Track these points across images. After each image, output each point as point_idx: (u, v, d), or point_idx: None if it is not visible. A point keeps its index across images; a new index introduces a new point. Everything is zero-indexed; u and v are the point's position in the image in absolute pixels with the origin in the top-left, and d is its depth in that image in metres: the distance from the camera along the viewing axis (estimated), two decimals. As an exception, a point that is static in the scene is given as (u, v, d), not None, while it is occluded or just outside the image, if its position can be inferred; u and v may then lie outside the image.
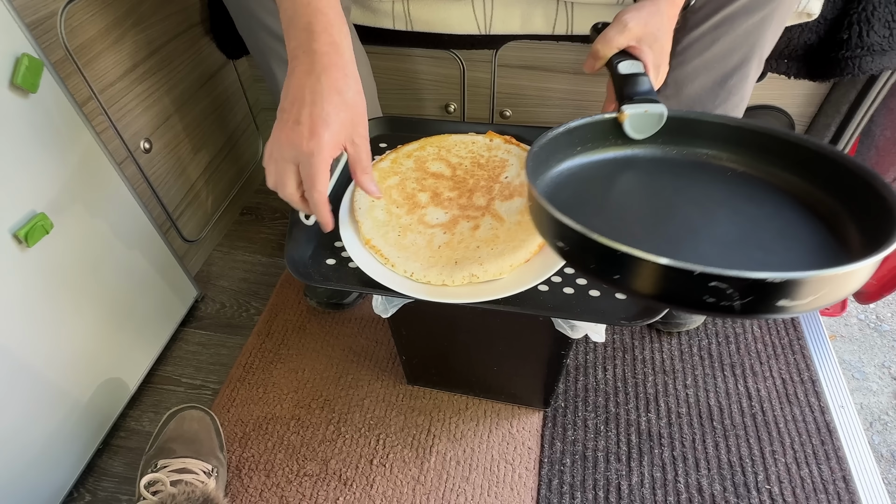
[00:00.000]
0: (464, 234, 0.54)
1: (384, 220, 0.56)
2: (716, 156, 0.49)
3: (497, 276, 0.50)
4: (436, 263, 0.51)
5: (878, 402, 1.20)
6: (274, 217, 1.11)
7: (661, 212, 0.43)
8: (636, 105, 0.49)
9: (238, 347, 0.88)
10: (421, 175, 0.60)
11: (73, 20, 0.68)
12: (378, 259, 0.53)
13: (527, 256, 0.51)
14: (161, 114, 0.86)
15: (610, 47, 0.53)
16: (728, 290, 0.30)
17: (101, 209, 0.70)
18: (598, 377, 0.81)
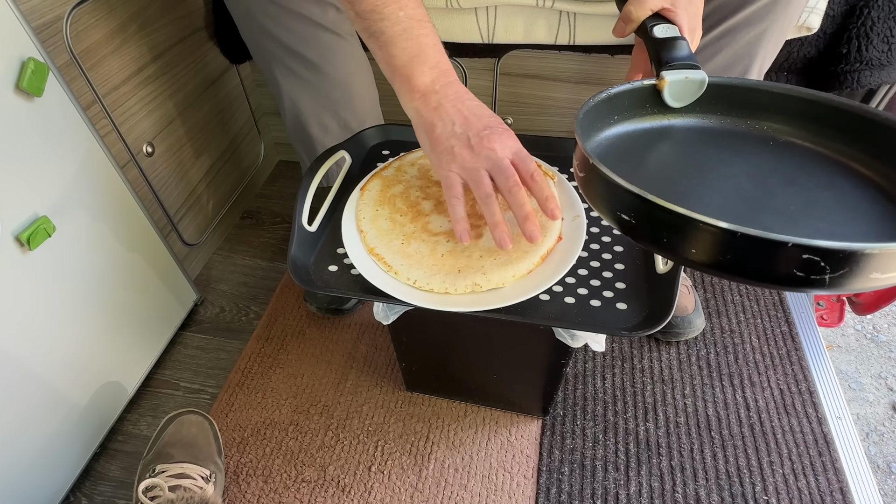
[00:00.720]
0: (465, 243, 0.54)
1: (388, 229, 0.56)
2: (758, 125, 0.47)
3: (499, 285, 0.51)
4: (439, 272, 0.52)
5: (874, 413, 1.21)
6: (274, 221, 1.12)
7: (714, 184, 0.41)
8: (676, 71, 0.46)
9: (237, 352, 0.88)
10: (425, 183, 0.61)
11: (79, 24, 0.69)
12: (381, 267, 0.53)
13: (529, 267, 0.51)
14: (164, 118, 0.86)
15: (644, 9, 0.51)
16: (822, 263, 0.29)
17: (102, 212, 0.70)
18: (596, 386, 0.81)
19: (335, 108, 0.75)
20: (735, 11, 0.63)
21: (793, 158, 0.43)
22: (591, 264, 0.55)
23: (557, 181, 0.59)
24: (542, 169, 0.60)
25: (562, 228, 0.55)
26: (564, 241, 0.54)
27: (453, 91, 0.50)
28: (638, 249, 0.56)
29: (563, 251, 0.53)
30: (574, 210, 0.57)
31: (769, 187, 0.40)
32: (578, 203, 0.57)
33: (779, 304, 0.92)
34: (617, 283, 0.53)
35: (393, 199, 0.59)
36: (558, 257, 0.52)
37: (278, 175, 1.23)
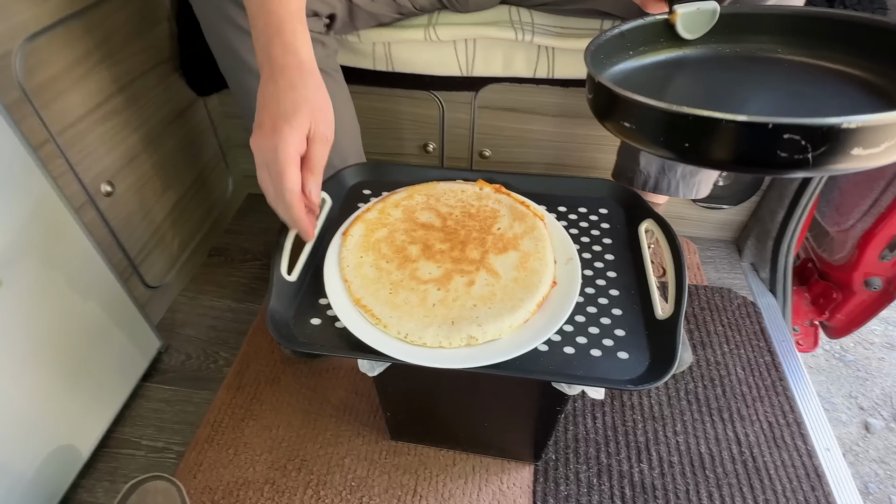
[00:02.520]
0: (459, 290, 0.51)
1: (374, 277, 0.53)
2: (769, 48, 0.48)
3: (496, 337, 0.48)
4: (431, 323, 0.48)
5: (848, 433, 1.23)
6: (245, 259, 1.06)
7: (724, 99, 0.42)
8: (687, 3, 0.47)
9: (206, 403, 0.82)
10: (410, 226, 0.58)
11: (33, 58, 0.64)
12: (369, 319, 0.50)
13: (526, 317, 0.49)
14: (126, 154, 0.81)
15: None
16: (802, 142, 0.30)
17: (55, 260, 0.64)
18: (587, 426, 0.78)
19: None
20: None
21: (804, 75, 0.45)
22: (588, 310, 0.53)
23: (548, 222, 0.58)
24: (530, 209, 0.59)
25: (556, 273, 0.53)
26: (559, 285, 0.52)
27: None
28: (635, 293, 0.54)
29: (559, 297, 0.51)
30: (567, 253, 0.55)
31: (777, 97, 0.42)
32: (571, 246, 0.55)
33: (759, 333, 0.92)
34: (616, 331, 0.51)
35: (378, 245, 0.56)
36: (554, 304, 0.50)
37: (248, 209, 1.17)
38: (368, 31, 0.80)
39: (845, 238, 0.99)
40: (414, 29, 0.80)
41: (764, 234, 1.03)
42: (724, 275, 1.05)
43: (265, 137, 0.46)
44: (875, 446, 1.21)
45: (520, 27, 0.78)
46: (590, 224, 0.62)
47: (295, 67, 0.47)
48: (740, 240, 1.11)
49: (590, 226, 0.62)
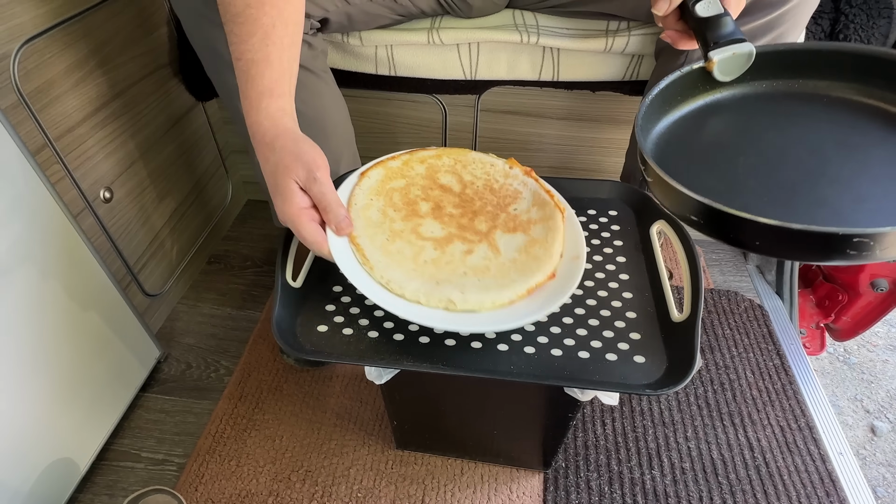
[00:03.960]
0: (454, 255, 0.50)
1: (377, 221, 0.52)
2: (807, 84, 0.48)
3: (475, 308, 0.47)
4: (416, 278, 0.48)
5: (854, 437, 1.22)
6: (244, 265, 1.05)
7: (771, 157, 0.42)
8: (722, 49, 0.47)
9: (206, 414, 0.80)
10: (429, 184, 0.57)
11: (29, 62, 0.62)
12: (358, 258, 0.49)
13: (512, 298, 0.48)
14: (124, 160, 0.79)
15: None
16: (871, 243, 0.32)
17: (53, 268, 0.63)
18: (597, 433, 0.77)
19: None
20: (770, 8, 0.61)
21: (845, 116, 0.44)
22: (602, 313, 0.52)
23: (567, 216, 0.56)
24: (553, 199, 0.57)
25: (557, 266, 0.51)
26: (557, 279, 0.50)
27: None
28: (648, 296, 0.53)
29: (553, 290, 0.49)
30: (575, 250, 0.53)
31: (825, 153, 0.41)
32: (582, 245, 0.54)
33: (768, 336, 0.91)
34: (631, 334, 0.50)
35: (391, 193, 0.55)
36: (545, 295, 0.49)
37: (247, 215, 1.16)
38: (371, 33, 0.80)
39: (851, 239, 0.99)
40: (417, 32, 0.79)
41: (769, 237, 1.02)
42: (729, 277, 1.04)
43: (275, 209, 0.50)
44: (882, 449, 1.19)
45: (524, 30, 0.77)
46: (600, 226, 0.61)
47: (262, 143, 0.50)
48: (745, 242, 1.10)
49: (600, 228, 0.60)
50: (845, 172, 0.39)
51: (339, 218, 0.49)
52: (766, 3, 0.58)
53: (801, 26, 0.63)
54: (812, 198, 0.38)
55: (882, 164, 0.39)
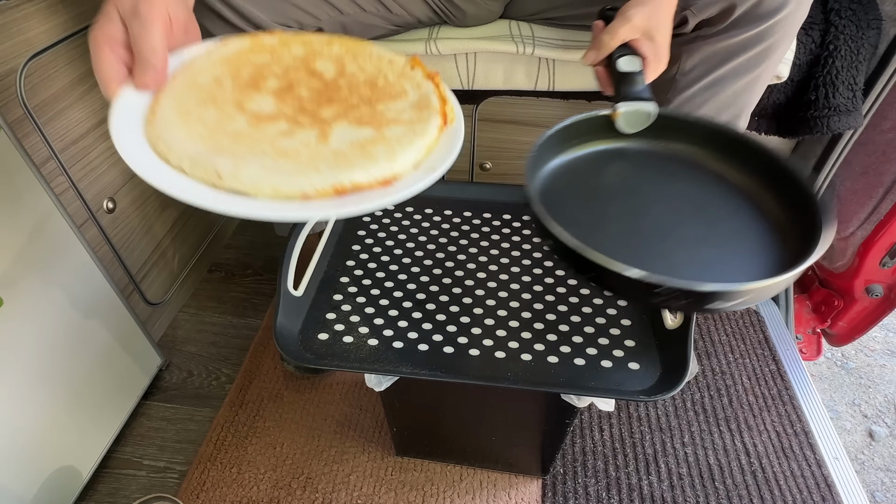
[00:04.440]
0: (266, 133, 0.41)
1: (200, 85, 0.43)
2: (694, 152, 0.52)
3: (249, 190, 0.37)
4: (197, 142, 0.39)
5: (853, 441, 1.22)
6: (245, 274, 1.05)
7: (638, 209, 0.47)
8: (629, 103, 0.51)
9: (208, 421, 0.81)
10: (297, 65, 0.47)
11: (35, 76, 0.64)
12: (143, 113, 0.40)
13: (305, 190, 0.37)
14: (127, 171, 0.81)
15: (616, 39, 0.55)
16: (677, 295, 0.36)
17: (57, 278, 0.64)
18: (595, 439, 0.78)
19: None
20: (723, 63, 0.64)
21: (713, 188, 0.49)
22: (597, 321, 0.53)
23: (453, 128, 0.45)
24: (444, 108, 0.46)
25: (402, 175, 0.40)
26: (390, 187, 0.40)
27: None
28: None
29: (374, 196, 0.39)
30: (434, 163, 0.42)
31: (683, 215, 0.46)
32: (449, 160, 0.42)
33: (764, 342, 0.92)
34: (626, 341, 0.51)
35: (242, 66, 0.46)
36: (352, 200, 0.38)
37: (248, 224, 1.17)
38: (369, 45, 0.81)
39: (845, 246, 1.00)
40: (414, 42, 0.80)
41: (764, 243, 1.03)
42: (725, 284, 1.05)
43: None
44: (880, 454, 1.20)
45: (520, 40, 0.79)
46: (595, 235, 0.62)
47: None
48: (741, 249, 1.11)
49: (595, 237, 0.61)
50: (692, 235, 0.44)
51: (144, 66, 0.40)
52: (755, 16, 0.59)
53: (791, 36, 0.64)
54: (656, 250, 0.42)
55: (726, 234, 0.45)
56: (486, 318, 0.53)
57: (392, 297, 0.55)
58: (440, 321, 0.53)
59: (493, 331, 0.52)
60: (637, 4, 0.54)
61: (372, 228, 0.63)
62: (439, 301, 0.55)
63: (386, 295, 0.55)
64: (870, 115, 0.81)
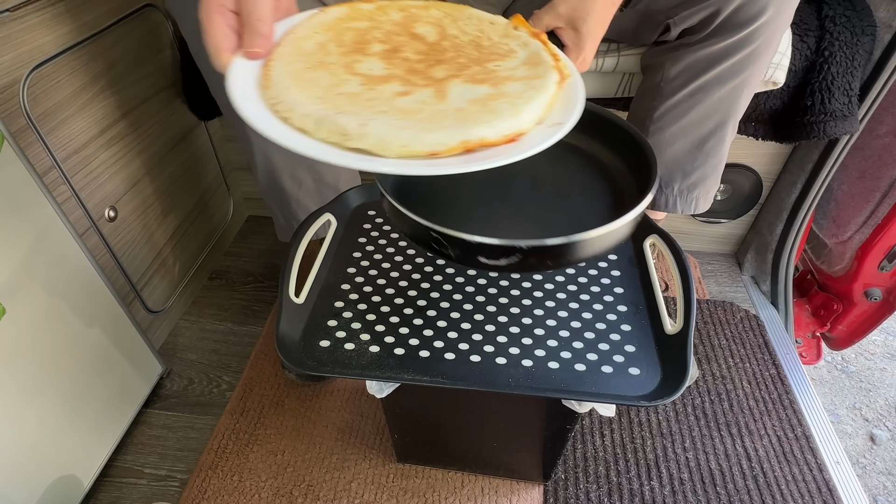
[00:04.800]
0: (382, 94, 0.40)
1: (307, 52, 0.43)
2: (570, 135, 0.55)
3: (375, 148, 0.37)
4: (316, 104, 0.38)
5: (854, 446, 1.22)
6: (245, 281, 1.06)
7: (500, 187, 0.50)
8: None
9: (209, 429, 0.81)
10: (397, 30, 0.46)
11: (38, 87, 0.64)
12: (261, 81, 0.41)
13: (434, 147, 0.37)
14: (129, 179, 0.81)
15: (539, 25, 0.54)
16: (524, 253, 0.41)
17: (58, 287, 0.64)
18: (596, 444, 0.78)
19: (309, 162, 0.73)
20: (706, 70, 0.65)
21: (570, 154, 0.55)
22: (598, 326, 0.53)
23: (570, 83, 0.44)
24: (558, 64, 0.45)
25: (527, 132, 0.40)
26: (518, 143, 0.39)
27: None
28: (643, 309, 0.54)
29: (505, 152, 0.38)
30: (560, 118, 0.41)
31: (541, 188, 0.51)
32: (575, 115, 0.41)
33: (764, 346, 0.92)
34: (626, 346, 0.51)
35: (344, 31, 0.45)
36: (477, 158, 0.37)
37: (248, 231, 1.17)
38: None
39: (844, 249, 1.00)
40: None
41: (763, 247, 1.04)
42: (725, 288, 1.06)
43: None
44: (882, 458, 1.20)
45: (518, 49, 0.79)
46: (594, 241, 0.62)
47: None
48: (740, 253, 1.11)
49: (594, 242, 0.62)
50: (546, 205, 0.48)
51: (253, 34, 0.40)
52: (736, 23, 0.60)
53: (775, 42, 0.65)
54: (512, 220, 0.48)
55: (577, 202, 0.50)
56: (486, 324, 0.53)
57: (393, 303, 0.56)
58: (441, 327, 0.53)
59: (494, 337, 0.52)
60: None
61: (373, 235, 0.64)
62: (440, 307, 0.55)
63: (387, 301, 0.56)
64: (866, 119, 0.82)
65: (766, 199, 1.02)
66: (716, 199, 1.04)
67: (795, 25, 0.77)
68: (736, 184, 1.02)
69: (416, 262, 0.60)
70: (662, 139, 0.73)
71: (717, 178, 0.77)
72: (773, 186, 1.00)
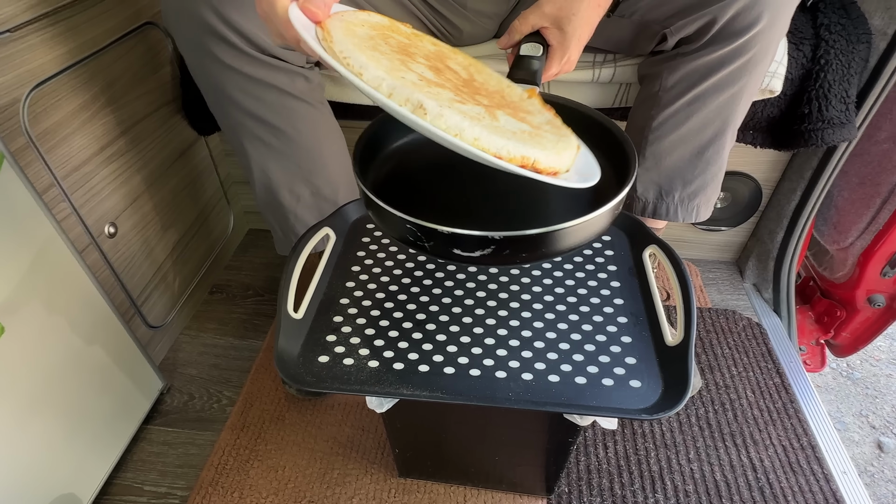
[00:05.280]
0: (441, 96, 0.39)
1: (359, 36, 0.42)
2: None
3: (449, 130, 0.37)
4: (385, 74, 0.38)
5: (861, 454, 1.21)
6: (246, 295, 1.06)
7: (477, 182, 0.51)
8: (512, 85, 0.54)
9: (209, 445, 0.80)
10: (433, 63, 0.46)
11: (38, 106, 0.65)
12: (319, 34, 0.40)
13: (499, 151, 0.38)
14: (129, 195, 0.81)
15: (525, 24, 0.57)
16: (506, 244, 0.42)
17: (58, 304, 0.64)
18: (599, 456, 0.77)
19: (307, 175, 0.73)
20: (704, 79, 0.66)
21: None
22: (598, 338, 0.52)
23: (582, 151, 0.46)
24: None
25: (565, 168, 0.41)
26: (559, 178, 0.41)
27: None
28: (643, 320, 0.54)
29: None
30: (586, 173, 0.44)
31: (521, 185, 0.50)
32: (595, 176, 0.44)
33: (767, 354, 0.92)
34: (627, 359, 0.50)
35: (388, 37, 0.45)
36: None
37: (248, 244, 1.18)
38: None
39: (845, 256, 1.00)
40: (412, 65, 0.82)
41: (764, 255, 1.03)
42: (727, 296, 1.05)
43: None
44: (890, 466, 1.18)
45: (515, 61, 0.80)
46: (594, 251, 0.62)
47: None
48: (741, 261, 1.11)
49: (594, 253, 0.62)
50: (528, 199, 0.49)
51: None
52: (731, 32, 0.61)
53: (771, 51, 0.65)
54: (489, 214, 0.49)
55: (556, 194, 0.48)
56: (486, 338, 0.53)
57: (392, 317, 0.55)
58: (440, 341, 0.53)
59: (494, 350, 0.52)
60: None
61: (371, 249, 0.64)
62: (439, 321, 0.55)
63: (386, 316, 0.56)
64: (864, 126, 0.82)
65: (766, 207, 1.02)
66: (716, 207, 1.04)
67: (791, 34, 0.77)
68: (735, 191, 1.02)
69: (416, 275, 0.60)
70: (662, 148, 0.73)
71: (717, 186, 0.77)
72: (772, 194, 1.00)
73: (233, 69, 0.63)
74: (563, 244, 0.44)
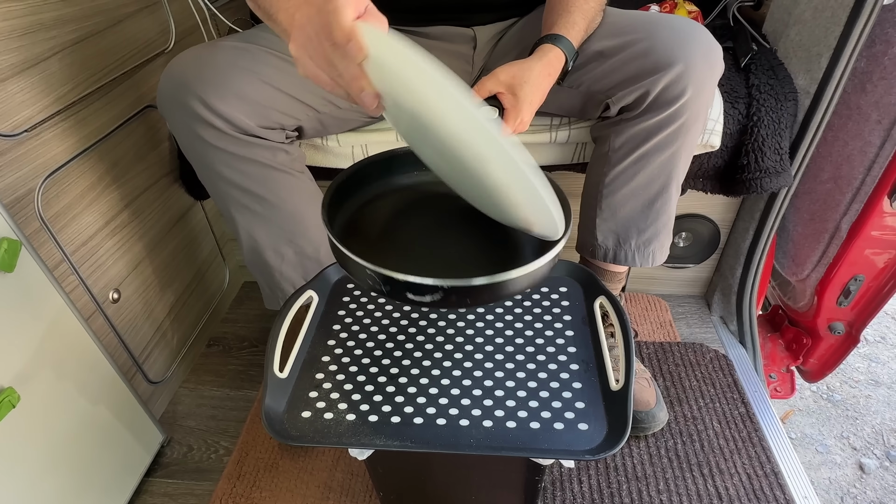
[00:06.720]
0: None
1: None
2: None
3: None
4: None
5: (844, 476, 1.24)
6: (241, 346, 1.12)
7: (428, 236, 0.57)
8: None
9: (207, 495, 0.85)
10: None
11: (50, 192, 0.72)
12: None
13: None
14: (131, 262, 0.89)
15: (482, 90, 0.63)
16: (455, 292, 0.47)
17: (67, 370, 0.70)
18: (574, 491, 0.82)
19: (290, 237, 0.80)
20: (645, 140, 0.74)
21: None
22: (552, 385, 0.59)
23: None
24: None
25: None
26: None
27: None
28: (592, 366, 0.60)
29: None
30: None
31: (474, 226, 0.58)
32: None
33: (733, 385, 0.97)
34: (577, 403, 0.56)
35: None
36: None
37: (244, 297, 1.24)
38: (346, 135, 0.90)
39: (804, 287, 1.06)
40: (386, 132, 0.90)
41: (727, 289, 1.10)
42: (695, 329, 1.11)
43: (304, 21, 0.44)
44: (872, 487, 1.22)
45: (479, 128, 0.88)
46: (551, 302, 0.69)
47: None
48: (708, 295, 1.18)
49: (551, 304, 0.68)
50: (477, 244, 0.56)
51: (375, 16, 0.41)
52: (663, 101, 0.70)
53: (703, 115, 0.74)
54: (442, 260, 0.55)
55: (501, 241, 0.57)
56: (452, 388, 0.59)
57: (368, 372, 0.62)
58: (411, 393, 0.59)
59: (459, 400, 0.58)
60: (507, 65, 0.64)
61: (351, 308, 0.70)
62: (411, 374, 0.61)
63: (363, 371, 0.62)
64: (800, 173, 0.90)
65: (725, 245, 1.09)
66: (679, 246, 1.11)
67: (727, 94, 0.86)
68: (696, 232, 1.09)
69: (390, 331, 0.67)
70: (615, 201, 0.80)
71: (668, 233, 0.84)
72: (729, 233, 1.07)
73: (219, 148, 0.71)
74: (506, 291, 0.50)
